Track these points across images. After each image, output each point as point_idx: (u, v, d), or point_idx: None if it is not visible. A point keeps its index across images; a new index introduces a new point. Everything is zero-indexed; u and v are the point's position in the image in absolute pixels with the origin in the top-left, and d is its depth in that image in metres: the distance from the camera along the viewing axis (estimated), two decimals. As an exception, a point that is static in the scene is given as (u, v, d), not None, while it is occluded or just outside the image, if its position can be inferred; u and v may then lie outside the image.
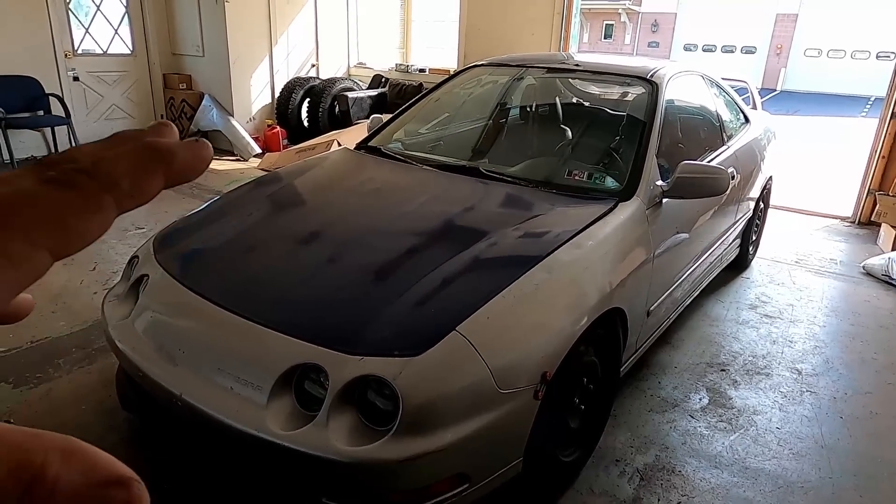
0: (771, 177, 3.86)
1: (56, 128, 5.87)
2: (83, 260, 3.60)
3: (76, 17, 5.98)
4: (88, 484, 0.18)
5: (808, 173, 7.31)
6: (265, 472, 1.56)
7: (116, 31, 6.33)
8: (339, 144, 4.80)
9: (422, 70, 6.82)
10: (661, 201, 2.29)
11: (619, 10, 25.70)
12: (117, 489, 0.19)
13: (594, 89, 3.39)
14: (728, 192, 2.42)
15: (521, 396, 1.56)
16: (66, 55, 5.90)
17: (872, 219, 4.82)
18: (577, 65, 3.06)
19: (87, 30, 6.10)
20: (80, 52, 6.07)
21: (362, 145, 2.88)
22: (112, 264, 3.55)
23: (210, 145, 0.26)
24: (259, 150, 6.31)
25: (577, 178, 2.43)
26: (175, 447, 1.99)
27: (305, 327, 1.59)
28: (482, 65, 3.19)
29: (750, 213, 3.55)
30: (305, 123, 6.70)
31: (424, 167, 2.56)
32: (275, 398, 1.49)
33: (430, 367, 1.46)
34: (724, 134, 3.21)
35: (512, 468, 1.63)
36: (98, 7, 6.12)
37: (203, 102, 6.41)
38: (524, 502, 1.88)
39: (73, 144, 5.75)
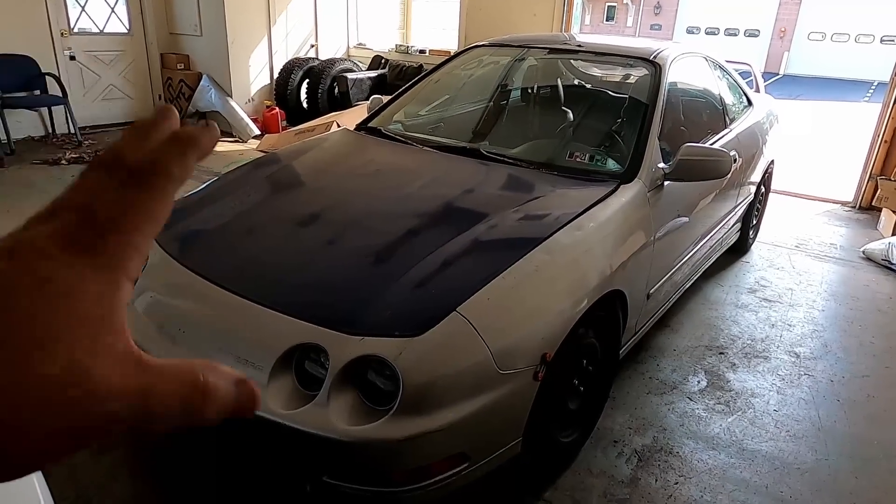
0: (773, 161, 3.84)
1: (53, 107, 5.82)
2: (82, 241, 3.59)
3: (72, -5, 5.90)
4: (228, 384, 0.28)
5: (809, 158, 7.28)
6: (266, 452, 1.57)
7: (113, 9, 6.25)
8: (339, 126, 4.77)
9: (422, 51, 6.76)
10: (662, 184, 2.28)
11: (622, -8, 25.40)
12: (243, 385, 0.29)
13: (596, 71, 3.36)
14: (729, 175, 2.41)
15: (520, 377, 1.56)
16: (62, 34, 5.84)
17: (873, 204, 4.82)
18: (579, 46, 3.02)
19: (83, 8, 6.03)
20: (76, 30, 6.00)
21: (362, 126, 2.86)
22: (111, 245, 3.54)
23: (216, 126, 0.31)
24: (258, 132, 6.27)
25: (578, 159, 2.41)
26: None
27: (305, 308, 1.59)
28: (483, 45, 3.16)
29: (751, 197, 3.54)
30: (304, 105, 6.65)
31: (425, 148, 2.54)
32: (275, 378, 1.49)
33: (431, 348, 1.47)
34: (726, 117, 3.18)
35: (511, 448, 1.64)
36: (94, -15, 6.04)
37: (201, 83, 6.36)
38: (523, 482, 1.90)
39: (71, 125, 5.72)
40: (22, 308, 0.23)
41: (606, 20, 26.41)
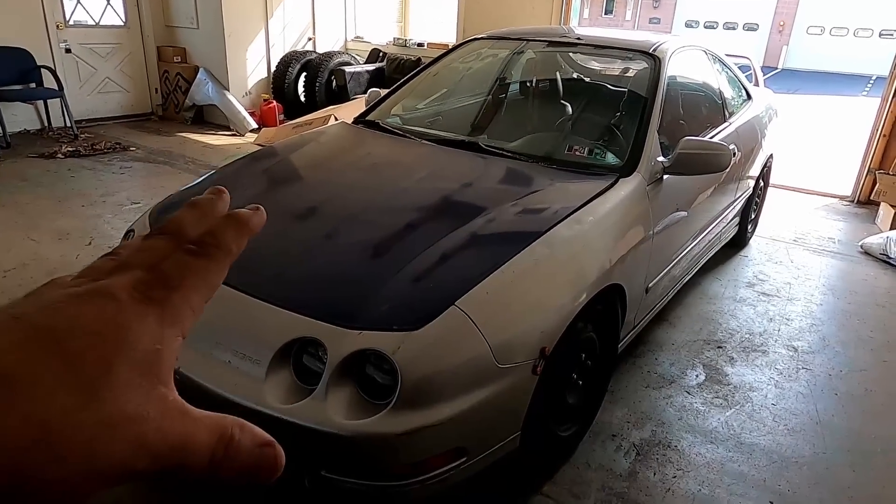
0: (771, 155, 3.84)
1: (49, 101, 5.78)
2: (79, 234, 3.57)
3: (67, -13, 5.85)
4: (253, 444, 0.28)
5: (808, 152, 7.28)
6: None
7: (108, 1, 6.20)
8: (337, 119, 4.75)
9: (420, 44, 6.72)
10: (661, 177, 2.27)
11: (621, -15, 25.30)
12: (269, 448, 0.29)
13: (595, 64, 3.34)
14: (728, 169, 2.41)
15: (519, 371, 1.56)
16: (57, 26, 5.79)
17: (872, 198, 4.81)
18: (578, 38, 3.00)
19: (78, 0, 5.98)
20: (71, 23, 5.95)
21: (360, 119, 2.85)
22: (108, 238, 3.53)
23: (264, 210, 0.34)
24: (255, 125, 6.25)
25: (577, 153, 2.40)
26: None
27: (304, 302, 1.58)
28: (481, 38, 3.14)
29: (749, 191, 3.53)
30: (302, 98, 6.62)
31: (423, 142, 2.53)
32: (273, 372, 1.48)
33: (429, 342, 1.46)
34: (725, 110, 3.17)
35: (510, 442, 1.64)
36: (89, -23, 5.99)
37: (198, 76, 6.32)
38: (522, 476, 1.90)
39: (67, 118, 5.69)
40: (102, 349, 0.25)
41: (605, 13, 26.34)
